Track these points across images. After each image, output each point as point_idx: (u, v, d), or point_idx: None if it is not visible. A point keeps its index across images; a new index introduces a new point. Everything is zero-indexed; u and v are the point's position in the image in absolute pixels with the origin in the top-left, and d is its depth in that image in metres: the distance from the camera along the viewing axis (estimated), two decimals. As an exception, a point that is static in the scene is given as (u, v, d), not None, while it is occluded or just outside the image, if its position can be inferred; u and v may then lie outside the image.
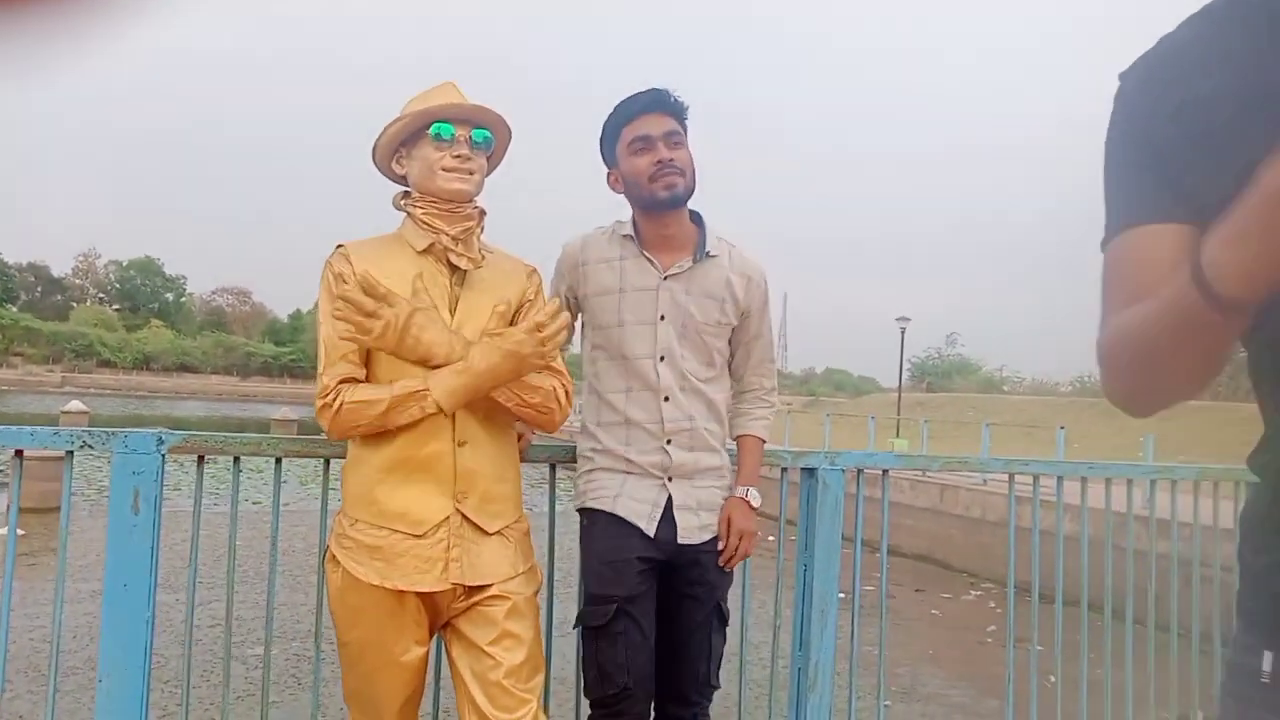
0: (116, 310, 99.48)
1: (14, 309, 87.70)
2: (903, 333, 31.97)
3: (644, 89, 2.20)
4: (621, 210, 2.33)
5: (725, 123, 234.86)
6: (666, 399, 2.21)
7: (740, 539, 2.25)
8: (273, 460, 2.29)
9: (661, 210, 2.20)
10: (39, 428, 2.05)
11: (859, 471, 2.77)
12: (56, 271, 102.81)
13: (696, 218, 2.29)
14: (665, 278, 2.23)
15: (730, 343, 2.33)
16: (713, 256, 2.26)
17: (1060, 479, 2.99)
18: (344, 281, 1.87)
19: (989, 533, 12.97)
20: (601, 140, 2.25)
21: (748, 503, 2.29)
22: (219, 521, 2.51)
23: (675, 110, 2.20)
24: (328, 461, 2.28)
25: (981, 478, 13.57)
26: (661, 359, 2.22)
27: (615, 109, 2.21)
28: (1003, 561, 3.04)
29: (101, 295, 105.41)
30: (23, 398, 53.70)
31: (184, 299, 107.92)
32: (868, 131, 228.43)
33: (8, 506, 2.18)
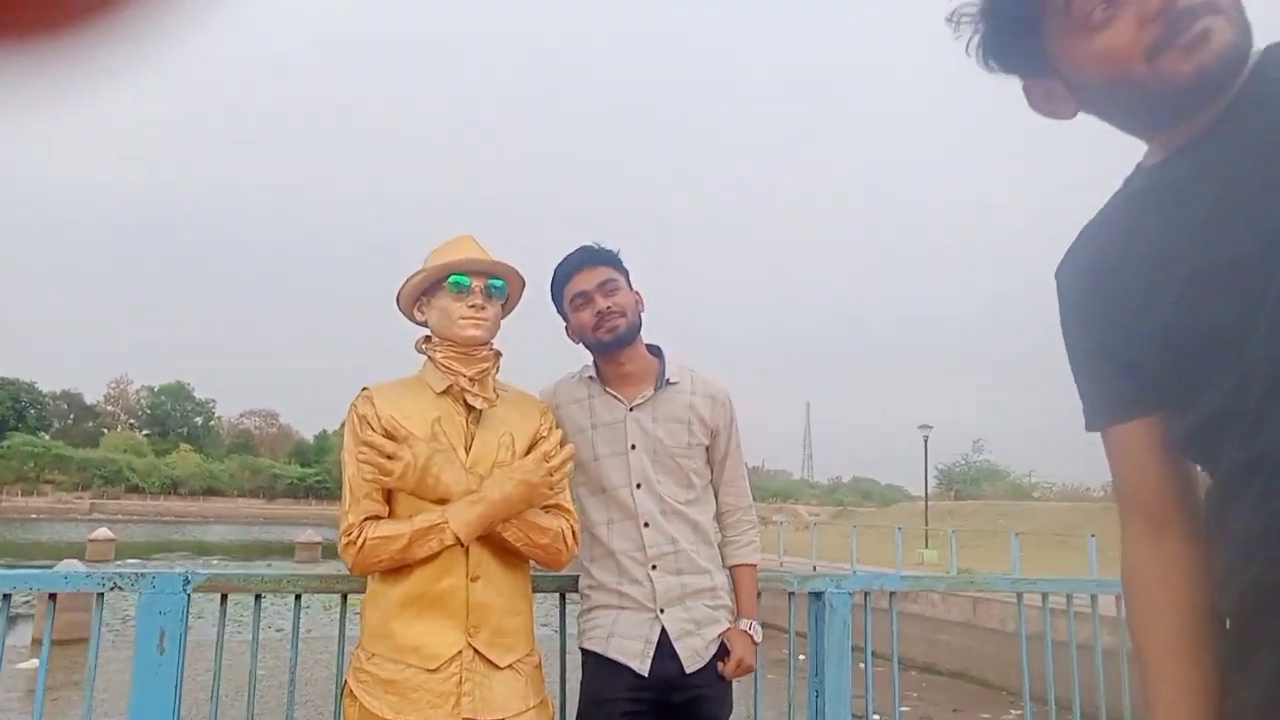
0: (146, 435, 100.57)
1: (46, 436, 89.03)
2: (925, 441, 31.84)
3: (574, 250, 2.36)
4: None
5: (753, 228, 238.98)
6: (646, 525, 2.28)
7: (739, 664, 2.27)
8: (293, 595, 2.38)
9: (613, 351, 2.33)
10: (73, 571, 2.16)
11: (866, 594, 2.80)
12: (89, 399, 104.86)
13: (655, 350, 2.42)
14: (631, 409, 2.34)
15: (708, 462, 2.41)
16: (673, 383, 2.38)
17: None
18: (368, 423, 2.02)
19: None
20: (553, 301, 2.41)
21: (750, 636, 2.32)
22: (243, 649, 2.58)
23: (605, 259, 2.34)
24: (345, 596, 2.36)
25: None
26: (638, 486, 2.30)
27: (554, 272, 2.37)
28: (1042, 679, 3.04)
29: (132, 421, 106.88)
30: (53, 525, 53.92)
31: (213, 422, 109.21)
32: (891, 232, 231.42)
33: (31, 640, 2.26)
